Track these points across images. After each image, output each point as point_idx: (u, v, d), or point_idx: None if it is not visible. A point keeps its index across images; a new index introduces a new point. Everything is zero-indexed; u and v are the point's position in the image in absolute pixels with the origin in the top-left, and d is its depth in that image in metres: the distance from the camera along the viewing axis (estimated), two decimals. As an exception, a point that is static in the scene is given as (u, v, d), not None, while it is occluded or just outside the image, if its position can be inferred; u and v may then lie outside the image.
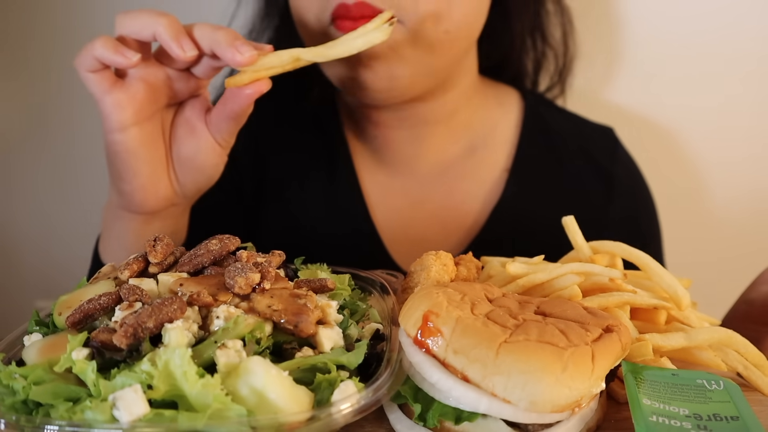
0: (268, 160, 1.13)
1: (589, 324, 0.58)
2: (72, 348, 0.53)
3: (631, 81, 1.35)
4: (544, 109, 1.16)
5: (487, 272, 0.78)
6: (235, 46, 0.74)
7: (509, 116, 1.13)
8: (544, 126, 1.13)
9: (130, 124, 0.77)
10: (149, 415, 0.49)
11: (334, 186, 1.09)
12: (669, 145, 1.38)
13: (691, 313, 0.71)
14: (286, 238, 1.08)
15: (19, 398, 0.52)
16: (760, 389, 0.67)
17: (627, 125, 1.23)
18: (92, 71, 0.75)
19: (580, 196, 1.09)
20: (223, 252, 0.66)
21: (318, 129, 1.13)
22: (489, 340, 0.54)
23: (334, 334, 0.59)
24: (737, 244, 1.39)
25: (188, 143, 0.83)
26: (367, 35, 0.80)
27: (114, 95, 0.76)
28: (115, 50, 0.73)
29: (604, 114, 1.23)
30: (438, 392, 0.56)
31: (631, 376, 0.60)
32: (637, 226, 1.13)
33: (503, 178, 1.09)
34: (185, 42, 0.74)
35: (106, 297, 0.59)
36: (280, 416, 0.50)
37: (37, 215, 1.49)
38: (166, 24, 0.73)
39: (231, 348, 0.53)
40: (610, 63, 1.34)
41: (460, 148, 1.09)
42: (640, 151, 1.19)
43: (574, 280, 0.70)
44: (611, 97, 1.36)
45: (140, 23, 0.74)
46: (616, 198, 1.10)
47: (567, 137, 1.13)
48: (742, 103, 1.34)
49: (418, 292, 0.63)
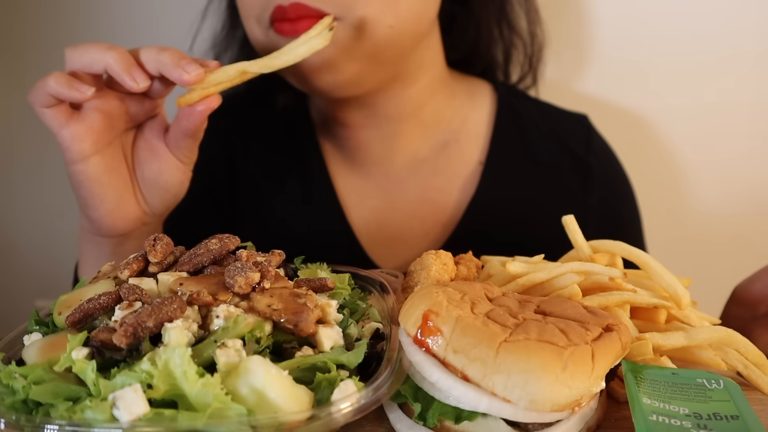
0: (240, 169, 1.13)
1: (589, 323, 0.58)
2: (72, 347, 0.53)
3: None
4: (516, 101, 1.15)
5: (487, 271, 0.78)
6: (181, 66, 0.75)
7: (481, 109, 1.13)
8: (516, 117, 1.13)
9: (90, 154, 0.79)
10: (149, 414, 0.49)
11: (309, 191, 1.10)
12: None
13: (692, 312, 0.71)
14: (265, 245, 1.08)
15: (18, 398, 0.52)
16: (760, 388, 0.67)
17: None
18: (47, 107, 0.76)
19: (556, 186, 1.09)
20: (223, 251, 0.66)
21: (289, 135, 1.13)
22: (489, 340, 0.54)
23: (334, 334, 0.59)
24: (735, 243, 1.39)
25: (151, 165, 0.85)
26: (309, 42, 0.81)
27: (71, 128, 0.77)
28: (69, 86, 0.74)
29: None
30: (438, 391, 0.56)
31: (631, 375, 0.60)
32: (616, 213, 1.13)
33: (478, 172, 1.09)
34: (136, 73, 0.75)
35: (106, 296, 0.59)
36: (280, 415, 0.50)
37: (37, 215, 1.49)
38: (116, 57, 0.74)
39: (231, 347, 0.53)
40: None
41: (432, 144, 1.09)
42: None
43: (574, 279, 0.70)
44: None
45: (90, 58, 0.75)
46: (593, 186, 1.10)
47: (541, 127, 1.13)
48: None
49: (417, 292, 0.63)
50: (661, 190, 1.38)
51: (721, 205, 1.40)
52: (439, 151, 1.09)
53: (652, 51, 1.33)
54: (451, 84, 1.12)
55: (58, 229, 1.49)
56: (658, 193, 1.37)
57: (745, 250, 1.37)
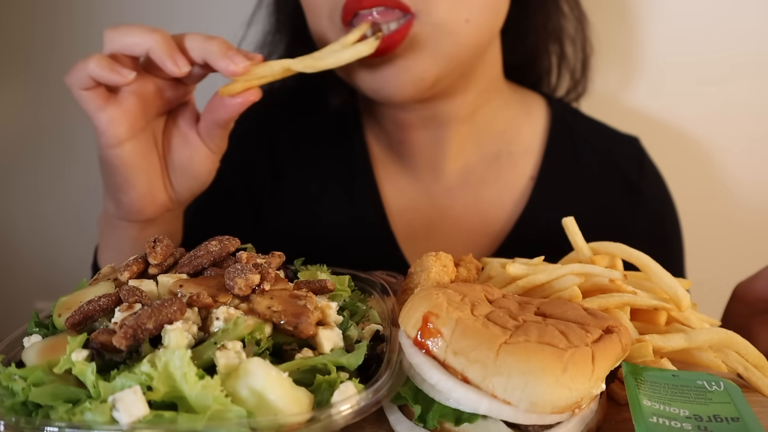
0: (285, 166, 1.11)
1: (589, 325, 0.58)
2: (72, 349, 0.53)
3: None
4: (570, 117, 1.14)
5: (487, 273, 0.78)
6: (229, 56, 0.74)
7: (535, 122, 1.11)
8: (570, 134, 1.11)
9: (126, 139, 0.78)
10: (149, 416, 0.49)
11: (353, 192, 1.08)
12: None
13: (692, 314, 0.71)
14: (304, 245, 1.07)
15: (18, 400, 0.52)
16: (761, 390, 0.67)
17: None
18: (85, 89, 0.75)
19: (605, 207, 1.08)
20: (223, 253, 0.66)
21: (338, 134, 1.11)
22: (489, 341, 0.54)
23: (333, 336, 0.59)
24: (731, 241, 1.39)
25: (182, 152, 0.84)
26: (355, 48, 0.81)
27: (108, 112, 0.76)
28: (111, 69, 0.73)
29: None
30: (438, 393, 0.56)
31: (631, 377, 0.60)
32: (662, 239, 1.12)
33: (529, 186, 1.07)
34: (179, 58, 0.74)
35: (106, 298, 0.59)
36: (279, 417, 0.50)
37: (36, 216, 1.49)
38: (159, 41, 0.73)
39: (231, 349, 0.53)
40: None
41: (484, 154, 1.08)
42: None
43: (574, 281, 0.70)
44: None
45: (132, 40, 0.74)
46: (642, 211, 1.09)
47: (594, 146, 1.12)
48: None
49: (418, 294, 0.63)
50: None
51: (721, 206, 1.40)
52: (491, 162, 1.08)
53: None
54: (506, 92, 1.10)
55: (58, 231, 1.49)
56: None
57: (746, 252, 1.37)
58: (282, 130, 1.13)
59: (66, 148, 1.44)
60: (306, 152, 1.12)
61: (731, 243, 1.40)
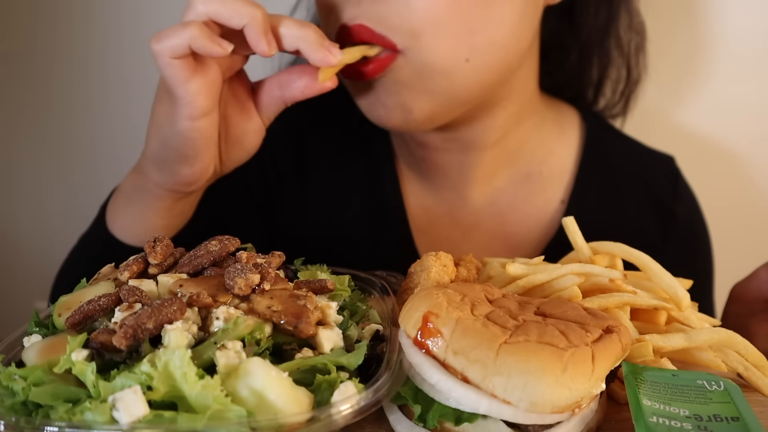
0: (309, 167, 1.07)
1: (589, 325, 0.58)
2: (71, 349, 0.53)
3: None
4: (604, 135, 1.09)
5: (487, 273, 0.78)
6: (326, 46, 0.72)
7: (569, 143, 1.06)
8: (604, 156, 1.06)
9: (210, 110, 0.74)
10: (149, 416, 0.49)
11: (377, 208, 1.04)
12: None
13: (692, 314, 0.71)
14: (321, 249, 1.02)
15: (18, 399, 0.52)
16: (761, 390, 0.67)
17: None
18: (177, 58, 0.70)
19: (637, 232, 1.03)
20: (223, 253, 0.66)
21: (365, 145, 1.07)
22: (489, 341, 0.54)
23: (333, 335, 0.59)
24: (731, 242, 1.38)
25: (240, 123, 0.81)
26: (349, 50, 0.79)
27: (196, 82, 0.71)
28: (211, 39, 0.69)
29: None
30: (438, 393, 0.56)
31: (631, 377, 0.60)
32: (692, 264, 1.08)
33: (560, 210, 1.02)
34: (272, 40, 0.71)
35: (106, 298, 0.59)
36: (279, 417, 0.50)
37: (36, 216, 1.49)
38: (258, 19, 0.70)
39: (231, 349, 0.53)
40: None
41: (513, 174, 1.03)
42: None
43: (574, 280, 0.70)
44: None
45: (232, 11, 0.70)
46: (673, 237, 1.05)
47: (627, 169, 1.07)
48: None
49: (418, 293, 0.63)
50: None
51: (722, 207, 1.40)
52: (520, 183, 1.03)
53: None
54: (541, 110, 1.03)
55: (58, 231, 1.49)
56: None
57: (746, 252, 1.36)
58: (309, 132, 1.09)
59: (67, 147, 1.44)
60: (331, 158, 1.08)
61: (731, 243, 1.39)
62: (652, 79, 1.19)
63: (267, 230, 1.08)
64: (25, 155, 1.46)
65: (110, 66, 1.38)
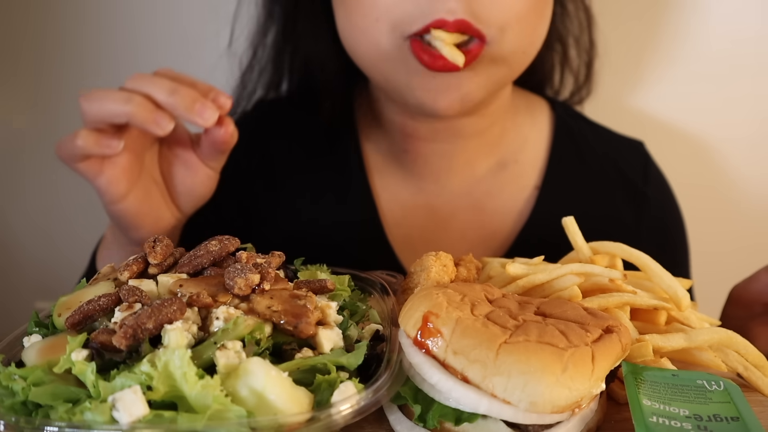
0: (278, 176, 1.09)
1: (589, 325, 0.58)
2: (71, 349, 0.53)
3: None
4: (573, 122, 1.12)
5: (487, 273, 0.78)
6: (195, 111, 0.74)
7: (540, 129, 1.10)
8: (574, 140, 1.10)
9: (127, 192, 0.80)
10: (149, 416, 0.49)
11: (346, 201, 1.06)
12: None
13: (691, 314, 0.71)
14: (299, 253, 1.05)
15: (18, 399, 0.52)
16: (760, 390, 0.67)
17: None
18: (79, 162, 0.77)
19: (609, 215, 1.06)
20: (223, 253, 0.66)
21: (331, 142, 1.09)
22: (489, 341, 0.54)
23: (333, 335, 0.59)
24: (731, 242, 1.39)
25: (185, 177, 0.86)
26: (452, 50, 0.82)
27: (105, 175, 0.78)
28: (97, 143, 0.74)
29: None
30: (438, 393, 0.56)
31: (631, 377, 0.60)
32: (667, 246, 1.10)
33: (534, 196, 1.06)
34: (161, 119, 0.74)
35: (106, 298, 0.59)
36: (279, 417, 0.50)
37: (36, 216, 1.49)
38: (135, 112, 0.73)
39: (231, 349, 0.53)
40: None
41: (490, 164, 1.06)
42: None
43: (574, 280, 0.70)
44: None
45: (108, 111, 0.74)
46: (646, 217, 1.08)
47: (597, 152, 1.10)
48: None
49: (417, 293, 0.63)
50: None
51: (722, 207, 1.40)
52: (497, 172, 1.06)
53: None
54: (514, 100, 1.09)
55: (58, 231, 1.49)
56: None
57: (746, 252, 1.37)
58: (274, 141, 1.11)
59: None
60: (301, 163, 1.10)
61: (731, 243, 1.39)
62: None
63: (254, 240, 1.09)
64: (24, 155, 1.46)
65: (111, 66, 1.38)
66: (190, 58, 1.31)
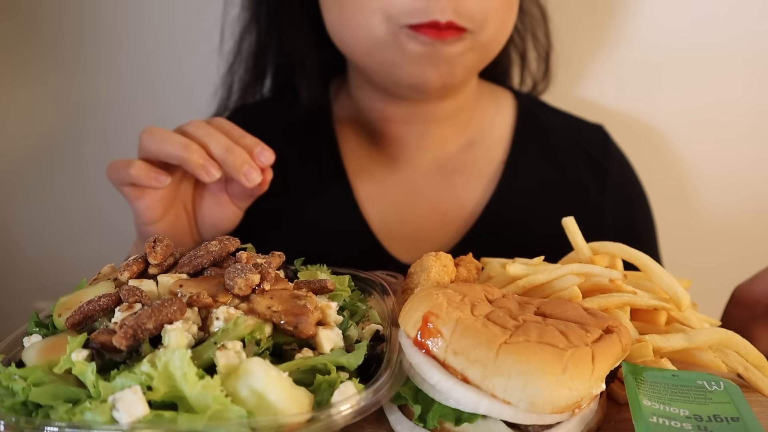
0: None
1: (589, 325, 0.58)
2: (72, 349, 0.53)
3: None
4: (536, 108, 1.20)
5: (487, 273, 0.78)
6: (243, 172, 0.80)
7: (505, 115, 1.17)
8: (537, 122, 1.17)
9: (161, 218, 0.86)
10: (149, 416, 0.49)
11: (325, 185, 1.11)
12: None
13: (692, 314, 0.71)
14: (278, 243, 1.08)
15: (18, 399, 0.52)
16: (761, 390, 0.67)
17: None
18: (125, 186, 0.83)
19: (574, 188, 1.12)
20: (223, 253, 0.66)
21: (309, 130, 1.14)
22: (489, 341, 0.54)
23: (334, 335, 0.59)
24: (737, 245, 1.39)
25: (213, 212, 0.91)
26: None
27: (145, 200, 0.84)
28: (148, 177, 0.81)
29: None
30: (438, 393, 0.56)
31: (631, 377, 0.60)
32: (631, 219, 1.15)
33: (500, 171, 1.12)
34: (210, 167, 0.80)
35: (106, 298, 0.59)
36: (279, 417, 0.50)
37: (37, 216, 1.49)
38: (191, 158, 0.79)
39: (231, 349, 0.53)
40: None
41: (460, 143, 1.13)
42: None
43: (574, 281, 0.70)
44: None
45: (166, 152, 0.80)
46: (609, 191, 1.13)
47: (559, 132, 1.17)
48: (736, 104, 1.34)
49: (417, 293, 0.63)
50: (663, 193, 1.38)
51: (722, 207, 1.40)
52: (466, 150, 1.13)
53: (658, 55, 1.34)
54: (481, 89, 1.16)
55: (59, 231, 1.49)
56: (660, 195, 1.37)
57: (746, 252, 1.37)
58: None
59: (68, 148, 1.44)
60: (282, 153, 1.13)
61: (731, 243, 1.40)
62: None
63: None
64: (25, 156, 1.46)
65: (111, 66, 1.38)
66: (182, 57, 1.35)
